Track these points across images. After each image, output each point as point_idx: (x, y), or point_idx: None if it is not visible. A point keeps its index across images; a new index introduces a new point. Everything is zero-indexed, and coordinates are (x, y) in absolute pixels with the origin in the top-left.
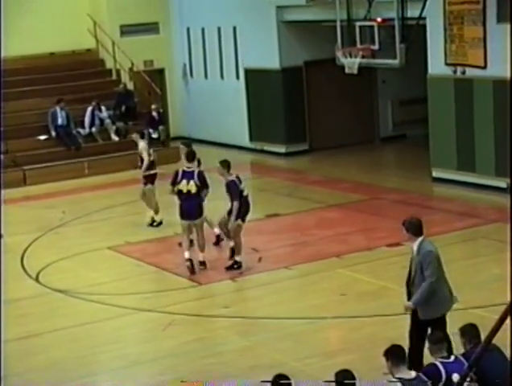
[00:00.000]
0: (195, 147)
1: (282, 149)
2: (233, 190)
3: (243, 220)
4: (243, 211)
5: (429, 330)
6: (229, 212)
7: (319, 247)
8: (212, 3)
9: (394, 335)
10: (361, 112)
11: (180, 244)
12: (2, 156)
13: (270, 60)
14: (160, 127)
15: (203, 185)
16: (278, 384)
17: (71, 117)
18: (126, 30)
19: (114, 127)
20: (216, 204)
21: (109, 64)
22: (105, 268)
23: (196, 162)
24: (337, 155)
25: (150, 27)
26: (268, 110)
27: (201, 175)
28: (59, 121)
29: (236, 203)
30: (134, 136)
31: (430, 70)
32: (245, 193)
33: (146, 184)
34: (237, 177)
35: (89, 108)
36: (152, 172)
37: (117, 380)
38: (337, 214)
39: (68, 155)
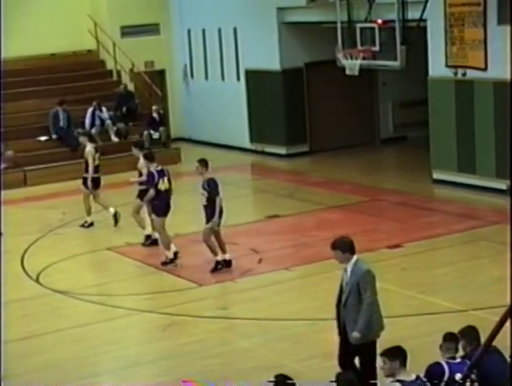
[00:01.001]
0: (195, 148)
1: (282, 151)
2: (213, 187)
3: (218, 225)
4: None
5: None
6: (208, 220)
7: (318, 248)
8: (213, 4)
9: (394, 337)
10: (362, 113)
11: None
12: (2, 157)
13: (271, 61)
14: (161, 128)
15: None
16: (282, 384)
17: (71, 118)
18: (127, 31)
19: (115, 128)
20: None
21: (110, 65)
22: (106, 269)
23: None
24: (338, 157)
25: (151, 28)
26: (268, 111)
27: (168, 171)
28: (61, 123)
29: (219, 199)
30: (82, 139)
31: (430, 72)
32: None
33: (83, 185)
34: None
35: (90, 109)
36: (95, 176)
37: (117, 381)
38: (337, 215)
39: (69, 156)
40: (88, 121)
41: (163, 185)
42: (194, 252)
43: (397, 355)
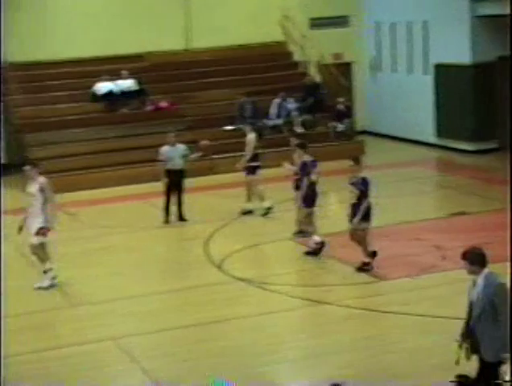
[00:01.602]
0: (380, 142)
1: (469, 147)
2: (365, 187)
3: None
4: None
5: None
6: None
7: (502, 249)
8: None
9: None
10: None
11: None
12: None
13: (461, 55)
14: (346, 120)
15: None
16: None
17: (257, 108)
18: (316, 22)
19: (300, 119)
20: None
21: (298, 57)
22: (287, 259)
23: None
24: None
25: (340, 20)
26: (456, 106)
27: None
28: (247, 113)
29: (366, 202)
30: (248, 128)
31: None
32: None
33: (248, 174)
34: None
35: (277, 100)
36: (255, 164)
37: (295, 371)
38: None
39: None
40: (274, 111)
41: (314, 176)
42: (374, 245)
43: None
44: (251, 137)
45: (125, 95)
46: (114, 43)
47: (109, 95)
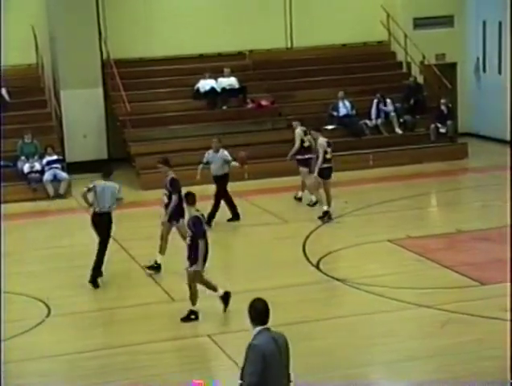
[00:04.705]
0: (483, 144)
1: None
2: (198, 228)
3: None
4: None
5: None
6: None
7: None
8: None
9: None
10: None
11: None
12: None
13: None
14: (448, 122)
15: None
16: None
17: (355, 107)
18: (420, 22)
19: (401, 120)
20: None
21: (400, 57)
22: (385, 260)
23: None
24: None
25: (445, 20)
26: None
27: None
28: (343, 111)
29: (202, 243)
30: (294, 123)
31: None
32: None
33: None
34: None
35: (375, 101)
36: (307, 156)
37: (389, 374)
38: None
39: (353, 146)
40: (373, 112)
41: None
42: (477, 249)
43: None
44: (299, 131)
45: (227, 92)
46: (217, 41)
47: (211, 92)
